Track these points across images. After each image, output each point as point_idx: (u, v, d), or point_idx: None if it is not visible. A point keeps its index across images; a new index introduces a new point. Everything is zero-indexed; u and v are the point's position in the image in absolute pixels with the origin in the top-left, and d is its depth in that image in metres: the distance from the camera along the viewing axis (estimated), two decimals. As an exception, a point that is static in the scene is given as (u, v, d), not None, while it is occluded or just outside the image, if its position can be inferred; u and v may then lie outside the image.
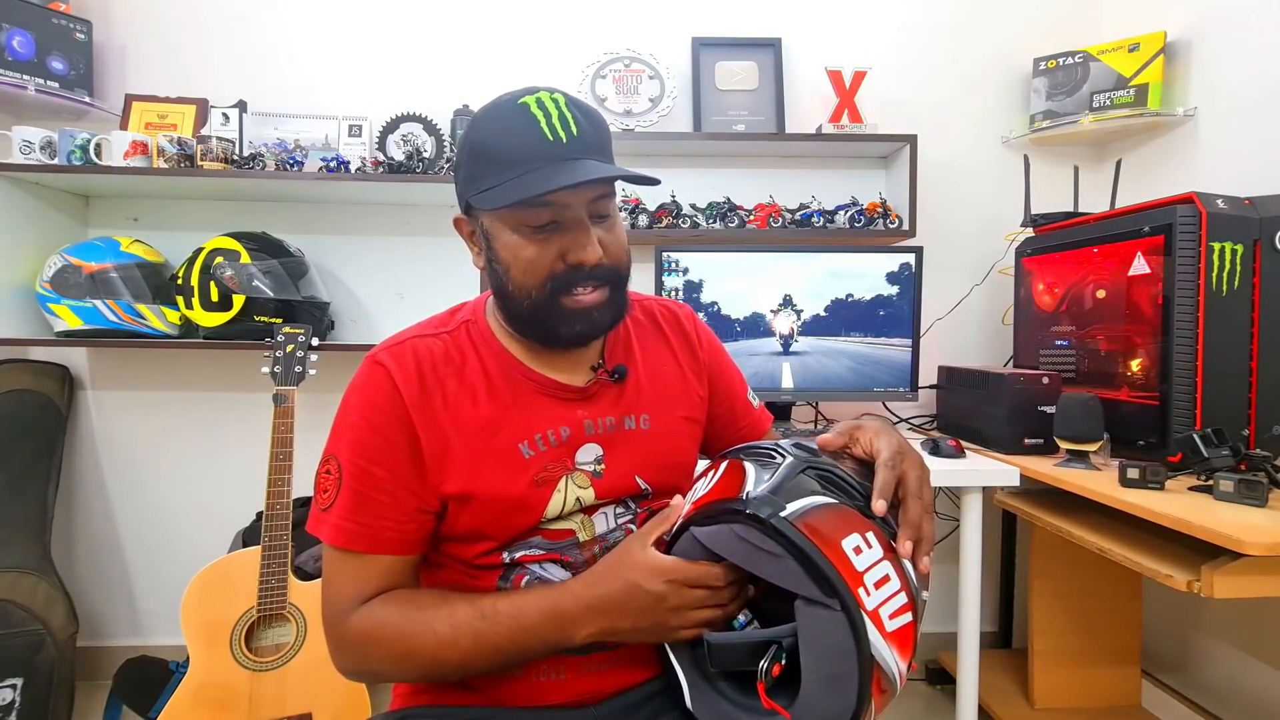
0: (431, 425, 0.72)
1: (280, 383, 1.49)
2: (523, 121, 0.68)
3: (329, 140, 1.83)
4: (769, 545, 0.60)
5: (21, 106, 1.79)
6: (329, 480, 0.72)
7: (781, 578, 0.60)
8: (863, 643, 0.57)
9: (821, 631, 0.58)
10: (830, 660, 0.58)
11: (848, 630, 0.57)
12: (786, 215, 1.85)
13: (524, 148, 0.68)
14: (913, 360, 1.77)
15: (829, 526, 0.59)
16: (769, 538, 0.60)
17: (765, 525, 0.60)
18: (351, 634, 0.70)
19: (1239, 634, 1.57)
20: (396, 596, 0.72)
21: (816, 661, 0.59)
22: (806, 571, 0.58)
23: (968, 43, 1.99)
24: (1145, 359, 1.37)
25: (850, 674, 0.57)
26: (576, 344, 0.77)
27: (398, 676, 0.72)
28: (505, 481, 0.73)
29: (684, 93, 1.93)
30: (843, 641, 0.57)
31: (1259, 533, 0.95)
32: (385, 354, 0.74)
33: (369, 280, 1.93)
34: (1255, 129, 1.55)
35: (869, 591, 0.58)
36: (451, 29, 1.93)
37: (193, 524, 1.92)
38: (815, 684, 0.59)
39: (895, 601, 0.58)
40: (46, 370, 1.81)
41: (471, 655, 0.68)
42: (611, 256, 0.73)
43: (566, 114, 0.69)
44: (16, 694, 1.53)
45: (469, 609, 0.69)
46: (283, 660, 1.40)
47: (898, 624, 0.58)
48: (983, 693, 1.56)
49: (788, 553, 0.59)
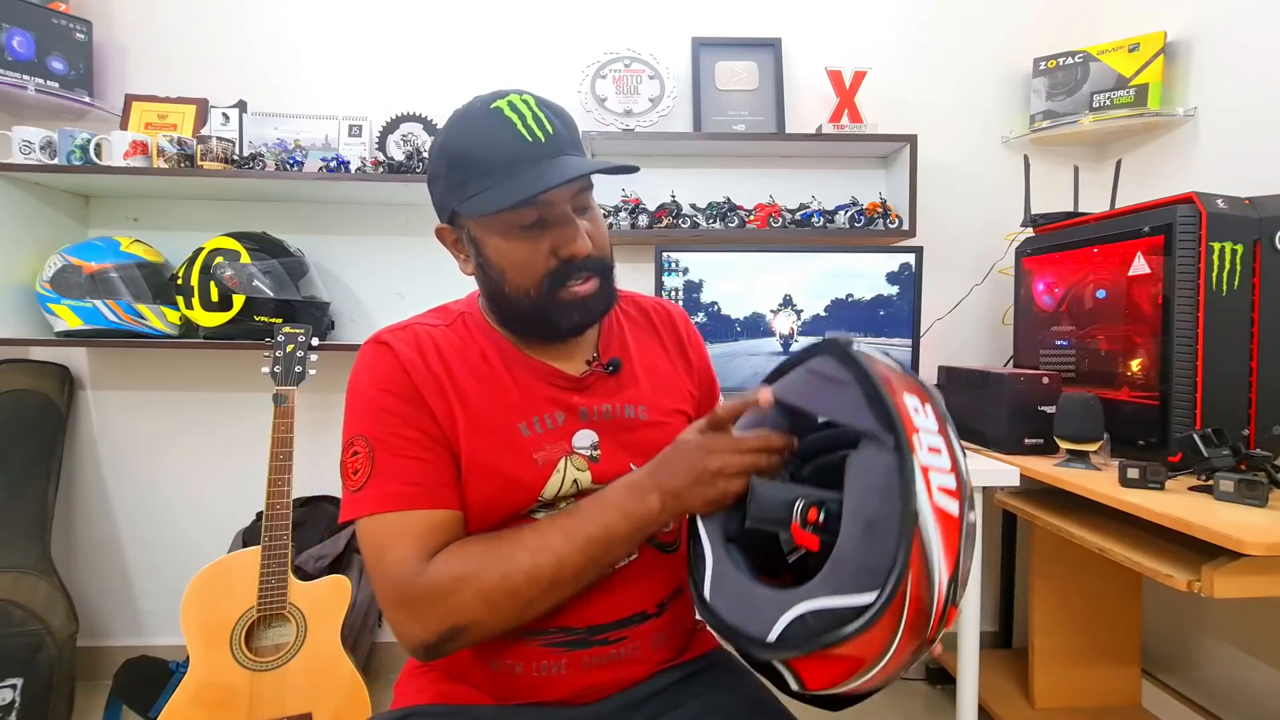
0: (439, 398, 0.73)
1: (280, 383, 1.49)
2: (498, 125, 0.70)
3: (329, 140, 1.83)
4: (839, 374, 0.61)
5: (21, 106, 1.79)
6: (358, 460, 0.71)
7: (842, 410, 0.59)
8: (910, 490, 0.52)
9: (870, 469, 0.55)
10: (873, 501, 0.54)
11: (896, 471, 0.53)
12: (786, 215, 1.85)
13: (505, 151, 0.69)
14: (913, 360, 1.77)
15: (895, 379, 0.59)
16: (842, 365, 0.61)
17: (841, 352, 0.61)
18: (433, 586, 0.66)
19: (1239, 634, 1.57)
20: (466, 542, 0.70)
21: (858, 503, 0.55)
22: (868, 402, 0.57)
23: (968, 43, 1.99)
24: (1145, 359, 1.37)
25: (891, 520, 0.52)
26: (573, 334, 0.78)
27: (490, 620, 0.67)
28: (506, 457, 0.73)
29: (684, 93, 1.93)
30: (889, 482, 0.54)
31: (1259, 533, 0.95)
32: (388, 334, 0.76)
33: (369, 280, 1.93)
34: (1255, 129, 1.55)
35: (922, 448, 0.54)
36: (451, 29, 1.93)
37: (193, 524, 1.92)
38: (853, 529, 0.55)
39: (944, 478, 0.55)
40: (46, 370, 1.81)
41: (565, 556, 0.67)
42: (598, 247, 0.75)
43: (539, 114, 0.71)
44: (16, 694, 1.53)
45: (547, 522, 0.71)
46: (283, 660, 1.40)
47: (944, 502, 0.54)
48: (983, 693, 1.56)
49: (855, 380, 0.59)
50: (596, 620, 0.75)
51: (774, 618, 0.56)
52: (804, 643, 0.54)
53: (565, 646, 0.74)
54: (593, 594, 0.74)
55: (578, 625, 0.75)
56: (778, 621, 0.56)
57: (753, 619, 0.58)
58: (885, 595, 0.51)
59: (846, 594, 0.53)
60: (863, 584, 0.52)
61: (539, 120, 0.70)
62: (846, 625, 0.52)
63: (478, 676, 0.77)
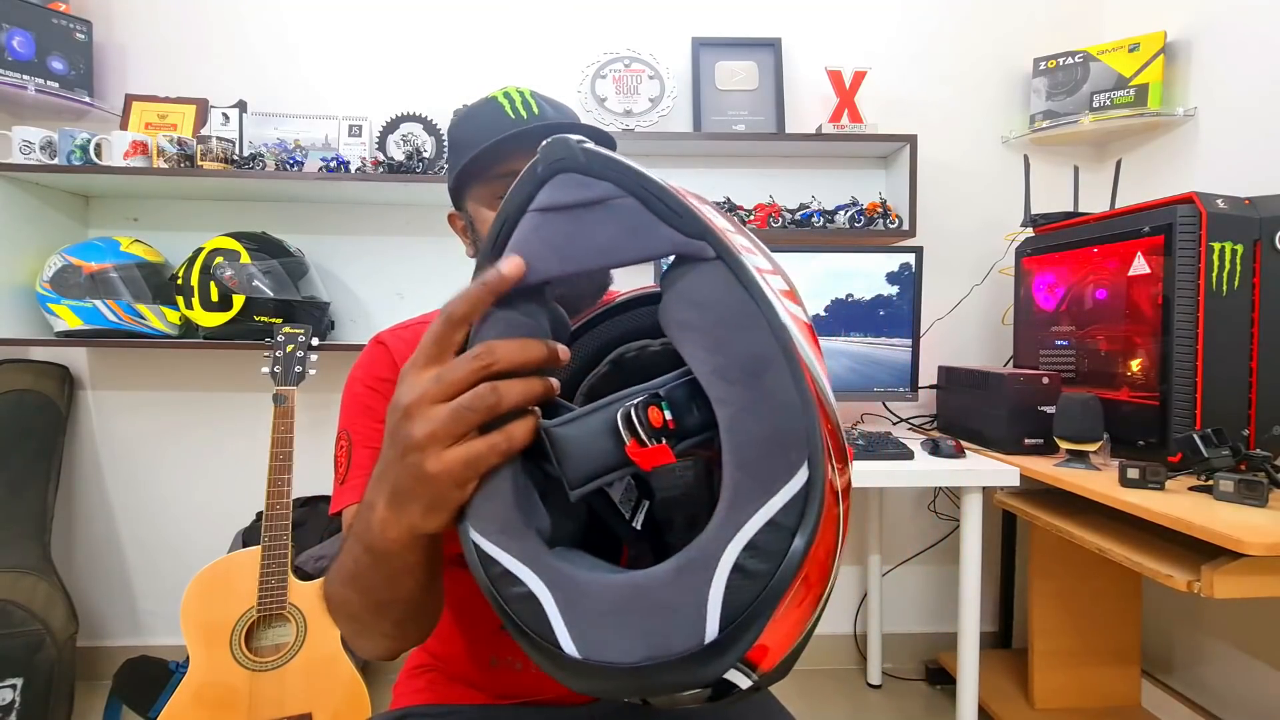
0: None
1: (280, 383, 1.49)
2: (490, 109, 0.75)
3: (329, 140, 1.82)
4: (593, 190, 0.40)
5: (21, 106, 1.79)
6: (342, 454, 0.74)
7: (616, 242, 0.39)
8: (765, 301, 0.37)
9: (703, 300, 0.38)
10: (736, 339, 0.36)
11: (737, 284, 0.37)
12: (786, 215, 1.85)
13: (489, 129, 0.73)
14: (913, 360, 1.77)
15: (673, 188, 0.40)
16: (590, 176, 0.40)
17: (576, 161, 0.40)
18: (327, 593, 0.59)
19: (1239, 634, 1.57)
20: None
21: (716, 352, 0.37)
22: (650, 208, 0.39)
23: (968, 43, 1.99)
24: (1145, 359, 1.37)
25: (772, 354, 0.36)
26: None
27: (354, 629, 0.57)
28: None
29: (684, 93, 1.93)
30: (737, 301, 0.37)
31: (1259, 533, 0.95)
32: (387, 334, 0.79)
33: (369, 280, 1.93)
34: (1255, 129, 1.55)
35: (739, 247, 0.39)
36: (451, 29, 1.93)
37: (193, 524, 1.92)
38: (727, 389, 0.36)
39: (775, 278, 0.41)
40: (46, 370, 1.81)
41: (343, 595, 0.53)
42: None
43: (530, 100, 0.75)
44: (16, 694, 1.53)
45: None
46: (283, 660, 1.40)
47: (794, 309, 0.40)
48: (983, 693, 1.56)
49: (620, 187, 0.40)
50: None
51: (695, 601, 0.34)
52: (760, 603, 0.34)
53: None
54: None
55: None
56: (706, 603, 0.34)
57: (667, 629, 0.35)
58: (813, 455, 0.35)
59: (770, 487, 0.34)
60: (779, 458, 0.35)
61: (527, 104, 0.74)
62: (801, 529, 0.34)
63: (476, 675, 0.77)
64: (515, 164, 0.72)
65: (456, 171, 0.75)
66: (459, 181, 0.76)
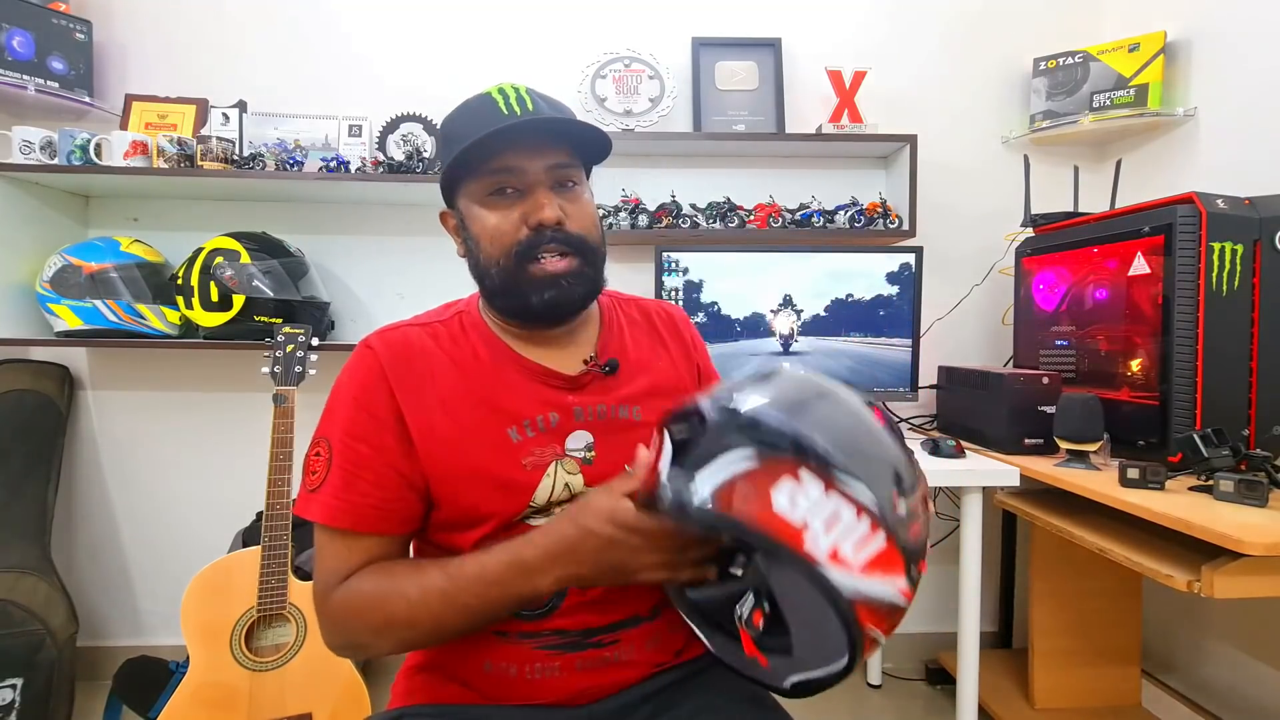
0: (418, 406, 0.73)
1: (280, 383, 1.49)
2: (484, 104, 0.74)
3: (329, 140, 1.83)
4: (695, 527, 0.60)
5: (21, 106, 1.79)
6: (318, 462, 0.73)
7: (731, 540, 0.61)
8: (829, 588, 0.52)
9: (785, 582, 0.59)
10: (804, 608, 0.57)
11: (808, 581, 0.53)
12: (786, 215, 1.85)
13: (481, 123, 0.71)
14: (913, 360, 1.77)
15: (751, 486, 0.54)
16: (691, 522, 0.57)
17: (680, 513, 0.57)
18: (334, 609, 0.70)
19: (1239, 634, 1.57)
20: (374, 569, 0.72)
21: (793, 611, 0.59)
22: (740, 540, 0.59)
23: (968, 43, 1.99)
24: (1145, 359, 1.37)
25: (829, 617, 0.53)
26: (551, 315, 0.77)
27: (380, 645, 0.71)
28: (493, 461, 0.73)
29: (684, 93, 1.93)
30: (808, 591, 0.53)
31: (1259, 533, 0.95)
32: (375, 338, 0.77)
33: (369, 280, 1.93)
34: (1255, 129, 1.55)
35: (818, 537, 0.53)
36: (452, 29, 1.93)
37: (193, 524, 1.92)
38: (801, 632, 0.60)
39: (856, 533, 0.53)
40: (46, 370, 1.81)
41: (443, 615, 0.68)
42: (576, 224, 0.75)
43: (525, 96, 0.74)
44: (16, 694, 1.53)
45: (437, 571, 0.69)
46: (283, 660, 1.40)
47: (867, 553, 0.53)
48: (983, 693, 1.56)
49: (716, 529, 0.59)
50: (590, 623, 0.75)
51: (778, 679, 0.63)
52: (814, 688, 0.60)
53: (559, 649, 0.74)
54: (587, 597, 0.74)
55: (572, 628, 0.74)
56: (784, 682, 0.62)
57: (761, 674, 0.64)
58: (852, 655, 0.55)
59: (821, 668, 0.58)
60: (830, 658, 0.57)
61: (521, 99, 0.73)
62: (837, 677, 0.58)
63: (472, 677, 0.77)
64: (507, 159, 0.72)
65: (447, 165, 0.74)
66: (450, 177, 0.76)
